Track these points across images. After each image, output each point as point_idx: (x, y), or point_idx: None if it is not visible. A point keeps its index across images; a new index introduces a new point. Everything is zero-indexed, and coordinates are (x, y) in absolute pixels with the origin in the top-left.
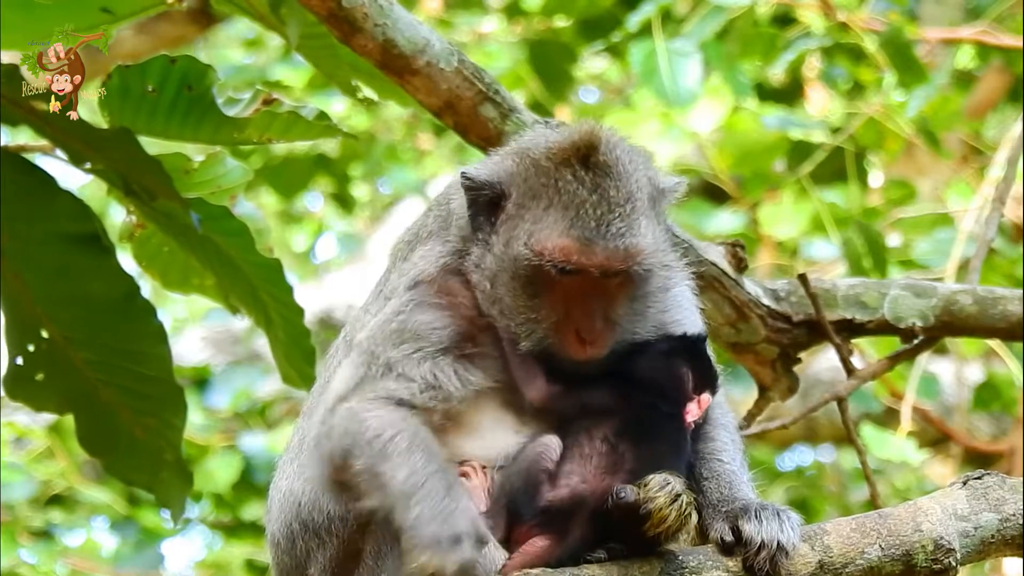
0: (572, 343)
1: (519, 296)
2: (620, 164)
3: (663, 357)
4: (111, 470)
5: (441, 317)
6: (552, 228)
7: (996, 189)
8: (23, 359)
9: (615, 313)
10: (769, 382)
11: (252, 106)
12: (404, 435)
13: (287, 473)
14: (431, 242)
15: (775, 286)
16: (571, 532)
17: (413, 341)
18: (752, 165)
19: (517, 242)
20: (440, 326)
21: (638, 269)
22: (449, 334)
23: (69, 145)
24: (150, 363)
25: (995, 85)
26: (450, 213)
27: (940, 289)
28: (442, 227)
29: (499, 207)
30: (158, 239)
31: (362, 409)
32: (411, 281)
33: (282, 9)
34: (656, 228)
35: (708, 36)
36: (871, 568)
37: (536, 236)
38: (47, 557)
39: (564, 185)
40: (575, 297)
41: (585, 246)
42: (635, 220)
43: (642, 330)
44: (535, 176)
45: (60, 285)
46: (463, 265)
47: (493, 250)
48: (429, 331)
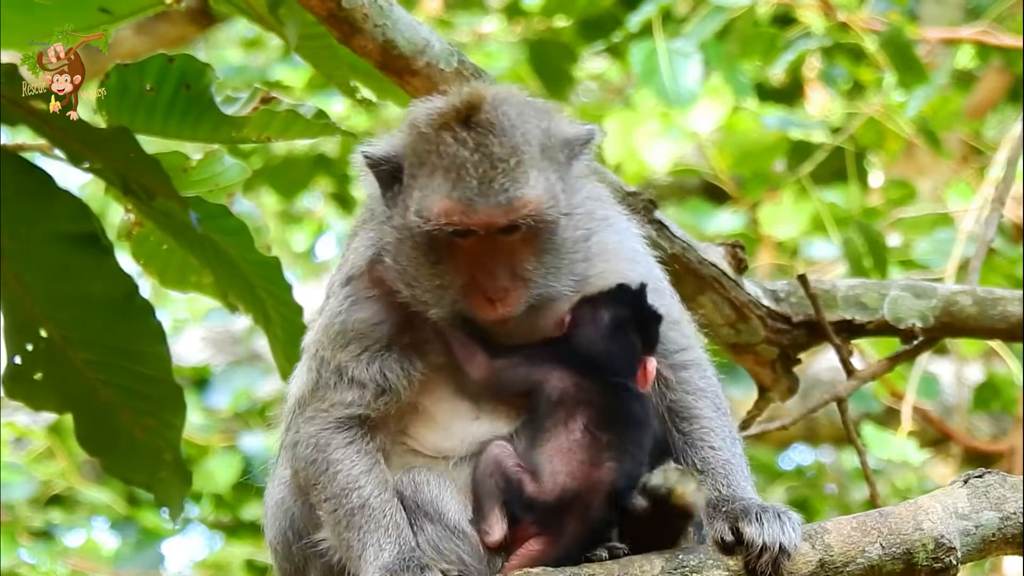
0: (481, 304)
1: (422, 265)
2: (505, 119)
3: (599, 324)
4: (110, 469)
5: (377, 312)
6: (436, 192)
7: (996, 189)
8: (22, 358)
9: (523, 269)
10: (769, 383)
11: (250, 105)
12: (363, 496)
13: (278, 480)
14: (360, 234)
15: (775, 287)
16: (566, 529)
17: (357, 341)
18: (752, 165)
19: (409, 212)
20: (378, 321)
21: (529, 222)
22: (388, 328)
23: (68, 144)
24: (149, 363)
25: (995, 85)
26: (370, 198)
27: (940, 290)
28: (368, 218)
29: (399, 181)
30: (156, 237)
31: (324, 442)
32: (344, 278)
33: (280, 9)
34: (552, 178)
35: (708, 36)
36: (872, 567)
37: (423, 202)
38: (47, 557)
39: (445, 148)
40: (476, 258)
41: (467, 206)
42: (521, 173)
43: (562, 283)
44: (421, 143)
45: (59, 285)
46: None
47: (393, 223)
48: (369, 328)
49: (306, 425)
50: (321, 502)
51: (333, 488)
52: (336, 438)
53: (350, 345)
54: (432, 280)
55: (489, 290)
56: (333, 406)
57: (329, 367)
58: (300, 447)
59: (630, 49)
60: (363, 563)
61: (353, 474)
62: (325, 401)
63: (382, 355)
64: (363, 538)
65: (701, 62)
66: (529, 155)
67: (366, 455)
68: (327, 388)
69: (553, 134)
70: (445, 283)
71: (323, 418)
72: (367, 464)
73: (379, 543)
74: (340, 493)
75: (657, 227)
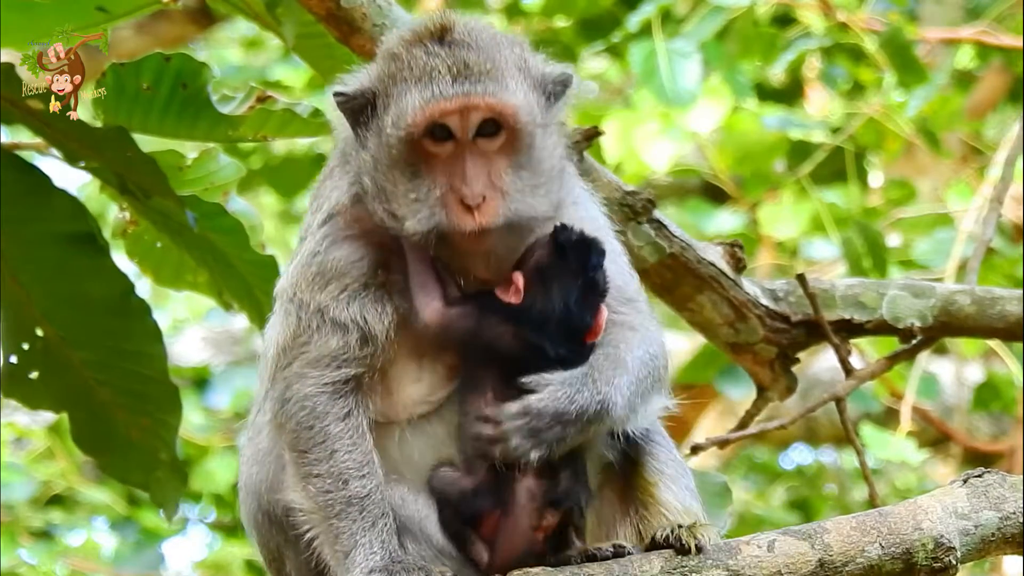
0: (459, 213)
1: (400, 181)
2: (479, 38)
3: (548, 282)
4: (106, 469)
5: (356, 248)
6: (412, 98)
7: (995, 189)
8: (18, 358)
9: (500, 179)
10: (768, 382)
11: (247, 104)
12: (365, 488)
13: (248, 455)
14: (336, 174)
15: (774, 286)
16: (515, 490)
17: (337, 280)
18: (752, 165)
19: (385, 128)
20: (357, 258)
21: (508, 122)
22: (366, 266)
23: (64, 143)
24: (145, 362)
25: (995, 85)
26: (343, 144)
27: (938, 289)
28: (343, 160)
29: (372, 111)
30: (151, 236)
31: (322, 411)
32: (325, 215)
33: (278, 9)
34: (529, 94)
35: (708, 36)
36: (871, 566)
37: (399, 112)
38: (47, 557)
39: (417, 62)
40: (454, 166)
41: (444, 99)
42: (499, 77)
43: (539, 205)
44: (394, 65)
45: (56, 284)
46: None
47: (369, 147)
48: (349, 266)
49: (298, 383)
50: (311, 476)
51: (329, 467)
52: (333, 407)
53: (330, 285)
54: (409, 195)
55: (467, 196)
56: (322, 360)
57: (309, 310)
58: (292, 406)
59: (630, 49)
60: (350, 563)
61: (354, 459)
62: (311, 350)
63: (361, 295)
64: (355, 533)
65: (701, 62)
66: (505, 68)
67: (364, 436)
68: (309, 332)
69: (528, 62)
70: (422, 196)
71: (316, 379)
72: (366, 448)
73: (370, 543)
74: (338, 476)
75: (656, 226)
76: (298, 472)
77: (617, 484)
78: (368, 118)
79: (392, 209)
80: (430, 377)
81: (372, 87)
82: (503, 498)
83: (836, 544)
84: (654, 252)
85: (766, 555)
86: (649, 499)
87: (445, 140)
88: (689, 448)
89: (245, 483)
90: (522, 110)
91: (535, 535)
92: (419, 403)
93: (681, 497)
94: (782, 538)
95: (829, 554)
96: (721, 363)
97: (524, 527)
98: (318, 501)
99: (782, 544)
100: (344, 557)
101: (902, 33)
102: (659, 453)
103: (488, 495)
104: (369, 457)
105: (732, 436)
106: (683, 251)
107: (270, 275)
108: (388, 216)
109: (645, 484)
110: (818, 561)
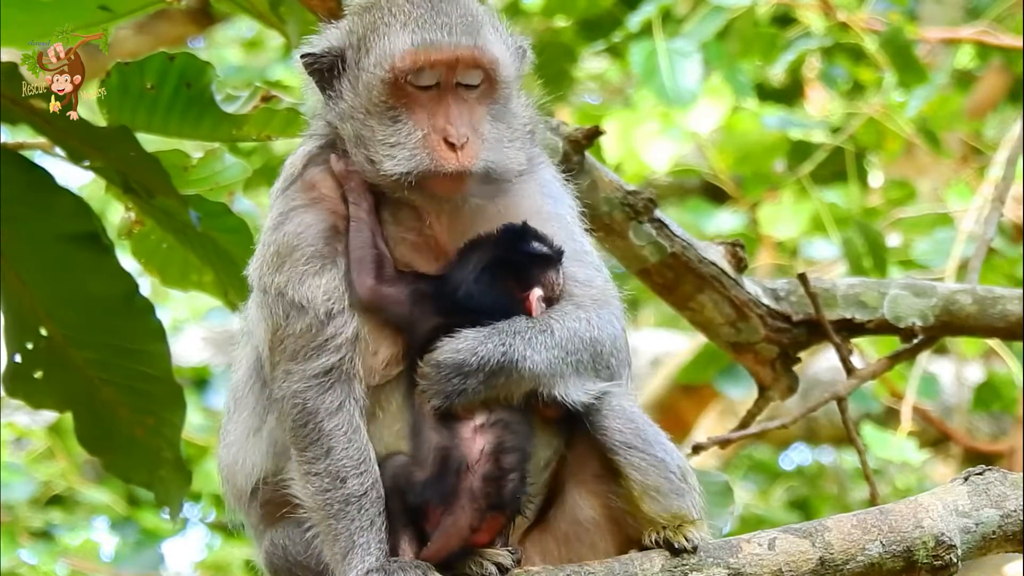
0: (442, 152)
1: (381, 125)
2: None
3: (472, 267)
4: (110, 468)
5: (307, 218)
6: (397, 41)
7: (995, 189)
8: (22, 357)
9: (480, 125)
10: (769, 382)
11: (251, 103)
12: (363, 486)
13: (229, 455)
14: (298, 150)
15: (775, 286)
16: (460, 489)
17: (289, 257)
18: (752, 165)
19: (366, 73)
20: (305, 228)
21: (492, 70)
22: (316, 233)
23: (68, 143)
24: (149, 361)
25: (995, 85)
26: (310, 111)
27: (939, 289)
28: (307, 134)
29: (342, 68)
30: (157, 236)
31: (313, 408)
32: (283, 182)
33: (281, 7)
34: (505, 52)
35: (708, 36)
36: (872, 564)
37: (384, 54)
38: (47, 557)
39: (402, 9)
40: (436, 108)
41: (431, 46)
42: (480, 29)
43: (513, 159)
44: (374, 14)
45: (59, 283)
46: (332, 144)
47: (345, 98)
48: (297, 239)
49: (285, 381)
50: (311, 475)
51: (327, 466)
52: (323, 402)
53: (284, 264)
54: (389, 139)
55: (452, 134)
56: (299, 352)
57: (272, 295)
58: (286, 404)
59: (630, 49)
60: (347, 565)
61: (351, 456)
62: (287, 344)
63: (312, 270)
64: (352, 534)
65: (701, 62)
66: (485, 24)
67: (359, 429)
68: (278, 321)
69: (498, 23)
70: (403, 139)
71: (300, 374)
72: (362, 443)
73: (367, 544)
74: (335, 475)
75: (657, 226)
76: (299, 469)
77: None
78: (340, 72)
79: (370, 155)
80: (385, 352)
81: (341, 43)
82: (447, 495)
83: (837, 542)
84: (655, 252)
85: (767, 553)
86: (636, 511)
87: (428, 86)
88: (690, 448)
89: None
90: (502, 64)
91: (472, 536)
92: (371, 375)
93: (667, 505)
94: (783, 536)
95: (830, 552)
96: (722, 363)
97: (463, 526)
98: (317, 500)
99: (783, 542)
100: (342, 559)
101: (902, 33)
102: (637, 461)
103: (434, 489)
104: (365, 452)
105: (733, 436)
106: (684, 250)
107: None
108: (366, 162)
109: (629, 496)
110: (819, 559)
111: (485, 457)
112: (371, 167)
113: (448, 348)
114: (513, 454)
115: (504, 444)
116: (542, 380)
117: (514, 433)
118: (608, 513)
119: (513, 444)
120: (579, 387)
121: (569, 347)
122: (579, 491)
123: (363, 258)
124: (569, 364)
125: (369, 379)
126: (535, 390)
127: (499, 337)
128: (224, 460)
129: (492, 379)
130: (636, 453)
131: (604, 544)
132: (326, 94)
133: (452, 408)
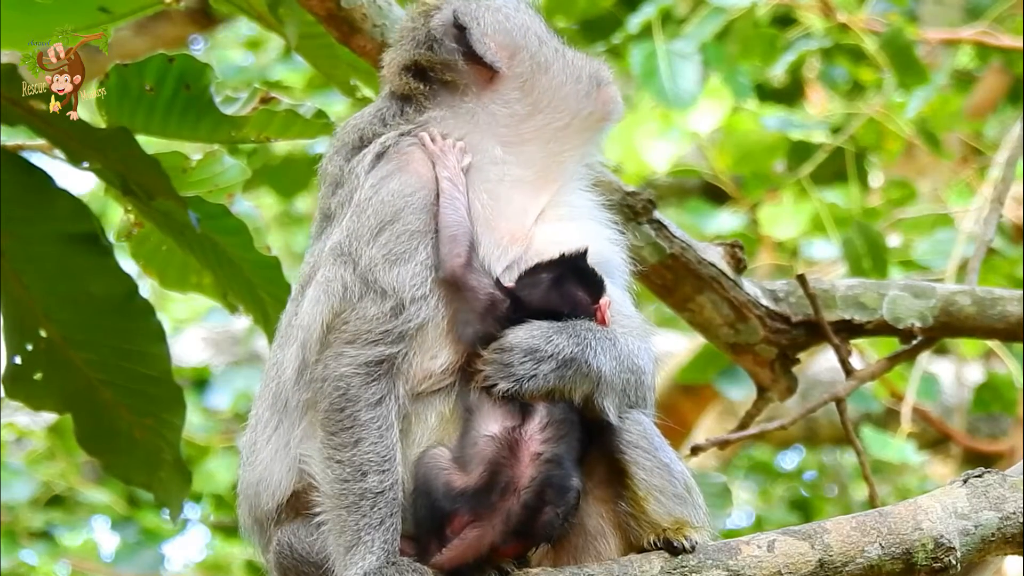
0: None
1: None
2: None
3: (552, 285)
4: (110, 469)
5: (413, 181)
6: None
7: (995, 189)
8: (22, 358)
9: None
10: (768, 382)
11: (250, 104)
12: (382, 484)
13: (258, 452)
14: (366, 115)
15: (774, 287)
16: (497, 508)
17: (390, 227)
18: (752, 165)
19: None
20: (410, 192)
21: None
22: (422, 201)
23: (67, 144)
24: (149, 362)
25: (995, 85)
26: (388, 107)
27: (939, 290)
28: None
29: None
30: (156, 237)
31: (354, 395)
32: (373, 155)
33: (280, 9)
34: None
35: (708, 37)
36: (871, 567)
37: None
38: (47, 557)
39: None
40: None
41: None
42: None
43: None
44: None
45: (59, 285)
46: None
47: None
48: (403, 204)
49: (334, 362)
50: (333, 461)
51: (352, 456)
52: (366, 392)
53: (383, 234)
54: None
55: None
56: (359, 338)
57: (358, 268)
58: (327, 385)
59: (630, 50)
60: (349, 559)
61: (378, 452)
62: (349, 326)
63: (406, 254)
64: (360, 530)
65: (701, 63)
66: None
67: (392, 427)
68: (351, 303)
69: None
70: None
71: (352, 359)
72: (391, 442)
73: (372, 542)
74: (358, 467)
75: (656, 227)
76: (323, 452)
77: (604, 495)
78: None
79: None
80: (444, 358)
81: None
82: (482, 509)
83: (836, 544)
84: (654, 253)
85: (766, 555)
86: (639, 513)
87: None
88: (689, 448)
89: (246, 483)
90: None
91: (492, 554)
92: (426, 379)
93: (670, 508)
94: (782, 538)
95: (829, 554)
96: (721, 363)
97: (486, 543)
98: (334, 488)
99: (782, 544)
100: (345, 552)
101: (902, 34)
102: (643, 461)
103: (471, 500)
104: (393, 452)
105: (732, 436)
106: (683, 251)
107: (274, 276)
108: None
109: (634, 497)
110: (818, 561)
111: (535, 486)
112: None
113: (521, 333)
114: (561, 493)
115: (553, 480)
116: (602, 385)
117: (567, 473)
118: (614, 520)
119: (562, 483)
120: (618, 406)
121: (625, 364)
122: (586, 499)
123: (456, 237)
124: (621, 379)
125: (422, 384)
126: (591, 395)
127: (572, 331)
128: (248, 479)
129: (563, 369)
130: (642, 453)
131: (608, 553)
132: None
133: (520, 394)
